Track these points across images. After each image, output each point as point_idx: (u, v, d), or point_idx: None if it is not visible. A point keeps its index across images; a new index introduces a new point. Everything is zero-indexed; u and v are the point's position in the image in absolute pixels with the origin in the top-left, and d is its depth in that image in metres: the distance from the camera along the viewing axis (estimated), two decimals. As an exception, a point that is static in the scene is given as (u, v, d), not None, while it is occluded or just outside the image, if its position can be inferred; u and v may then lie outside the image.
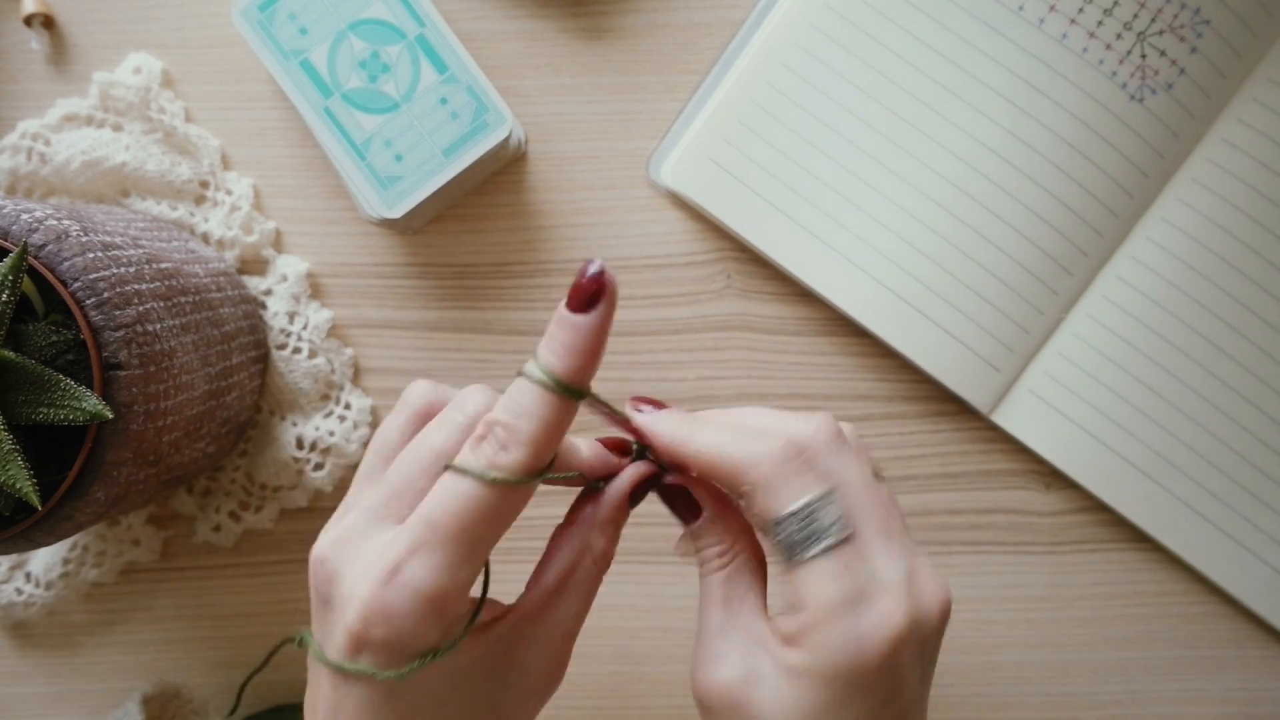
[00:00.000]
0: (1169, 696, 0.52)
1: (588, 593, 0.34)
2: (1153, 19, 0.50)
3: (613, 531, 0.35)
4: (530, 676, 0.33)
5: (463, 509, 0.30)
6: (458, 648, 0.31)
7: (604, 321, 0.30)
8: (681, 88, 0.52)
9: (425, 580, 0.30)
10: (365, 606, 0.30)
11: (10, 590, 0.51)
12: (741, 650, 0.32)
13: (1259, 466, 0.50)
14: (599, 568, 0.35)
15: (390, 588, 0.30)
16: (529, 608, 0.34)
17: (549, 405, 0.30)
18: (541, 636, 0.34)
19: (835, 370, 0.52)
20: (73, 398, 0.35)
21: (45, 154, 0.50)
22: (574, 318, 0.30)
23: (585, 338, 0.30)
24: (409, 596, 0.30)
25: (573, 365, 0.30)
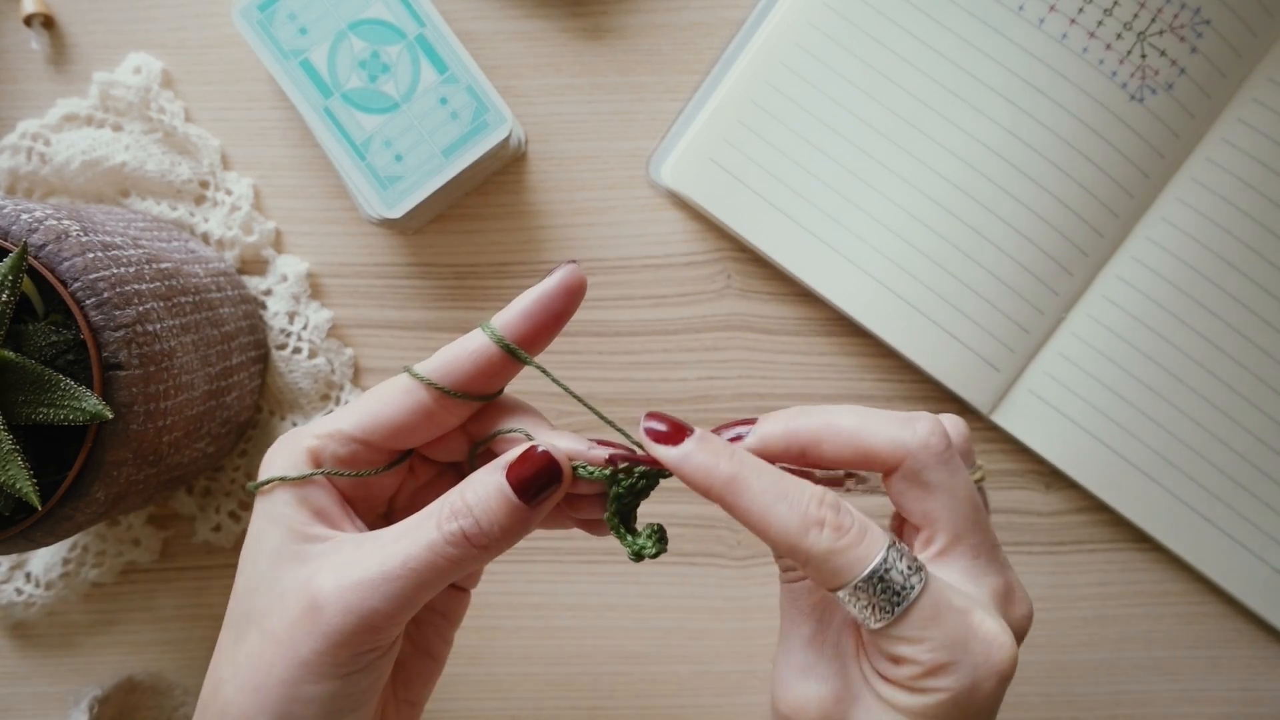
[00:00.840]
0: (1169, 696, 0.52)
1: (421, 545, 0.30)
2: (1153, 19, 0.50)
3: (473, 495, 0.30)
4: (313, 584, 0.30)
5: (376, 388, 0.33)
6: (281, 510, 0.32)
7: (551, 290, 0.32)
8: (681, 88, 0.52)
9: (307, 424, 0.33)
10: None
11: (10, 590, 0.51)
12: (836, 666, 0.31)
13: (1259, 466, 0.50)
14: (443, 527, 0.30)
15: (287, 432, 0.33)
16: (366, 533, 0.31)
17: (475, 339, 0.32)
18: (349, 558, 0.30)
19: (835, 370, 0.52)
20: (73, 398, 0.35)
21: (45, 154, 0.50)
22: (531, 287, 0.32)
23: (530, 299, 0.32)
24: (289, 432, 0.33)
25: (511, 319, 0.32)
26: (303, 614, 0.29)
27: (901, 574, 0.29)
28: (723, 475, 0.30)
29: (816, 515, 0.29)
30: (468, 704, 0.52)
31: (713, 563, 0.52)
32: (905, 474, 0.30)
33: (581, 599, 0.52)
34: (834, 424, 0.31)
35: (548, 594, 0.52)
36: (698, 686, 0.52)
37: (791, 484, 0.30)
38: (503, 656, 0.52)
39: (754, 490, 0.30)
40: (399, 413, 0.32)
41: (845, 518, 0.29)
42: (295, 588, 0.30)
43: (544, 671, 0.52)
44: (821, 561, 0.29)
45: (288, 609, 0.30)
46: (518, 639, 0.52)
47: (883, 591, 0.28)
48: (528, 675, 0.52)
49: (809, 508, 0.29)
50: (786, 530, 0.29)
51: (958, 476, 0.30)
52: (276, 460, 0.32)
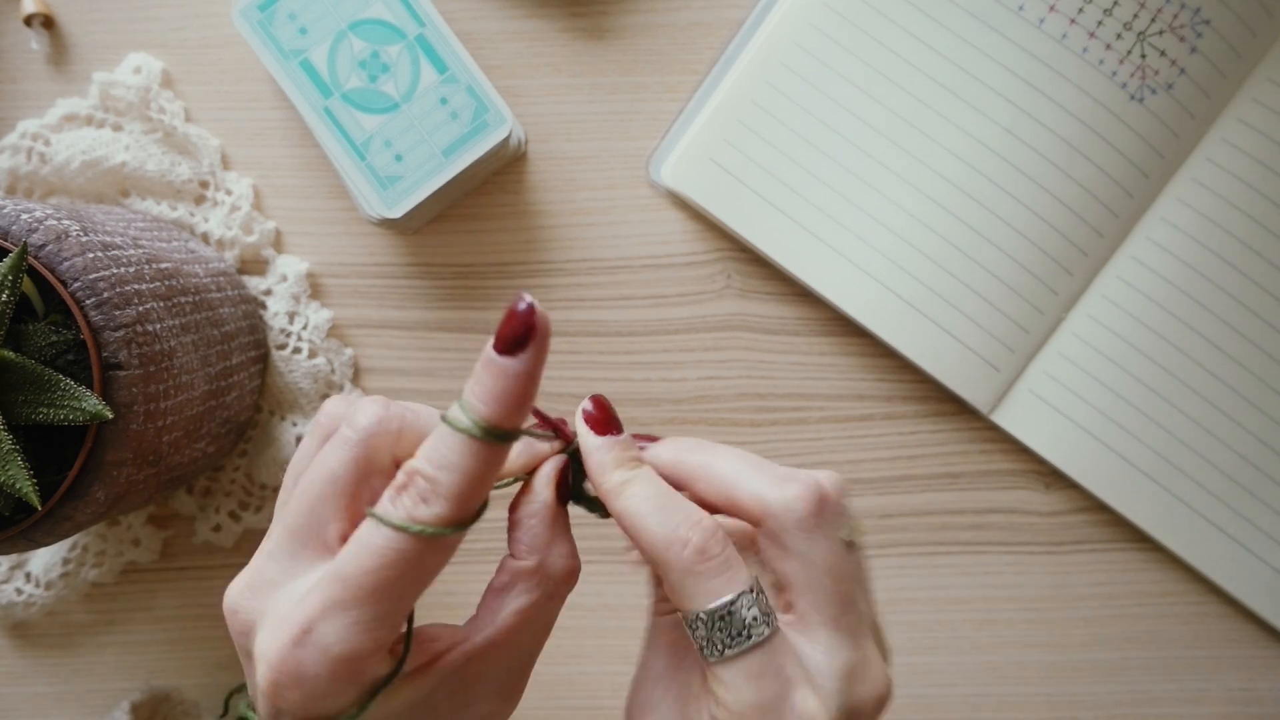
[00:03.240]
0: (1169, 696, 0.52)
1: (542, 626, 0.32)
2: (1153, 19, 0.50)
3: (561, 542, 0.32)
4: (480, 709, 0.31)
5: (379, 564, 0.27)
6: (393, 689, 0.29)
7: (533, 366, 0.27)
8: (681, 88, 0.52)
9: (338, 641, 0.27)
10: (274, 670, 0.28)
11: (10, 590, 0.51)
12: (678, 705, 0.30)
13: (1259, 466, 0.50)
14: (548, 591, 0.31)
15: (301, 649, 0.27)
16: (480, 645, 0.31)
17: (473, 455, 0.27)
18: (492, 672, 0.31)
19: (835, 370, 0.52)
20: (73, 398, 0.35)
21: (45, 154, 0.50)
22: (502, 361, 0.27)
23: (513, 383, 0.27)
24: (320, 658, 0.27)
25: (499, 412, 0.27)
26: None
27: (747, 620, 0.28)
28: (615, 479, 0.31)
29: (684, 535, 0.29)
30: (468, 704, 0.52)
31: (713, 563, 0.52)
32: (766, 532, 0.30)
33: (581, 599, 0.52)
34: (713, 466, 0.31)
35: (548, 594, 0.52)
36: (698, 686, 0.52)
37: (675, 502, 0.30)
38: (503, 656, 0.52)
39: (637, 497, 0.30)
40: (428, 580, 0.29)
41: (714, 545, 0.29)
42: None
43: (544, 671, 0.52)
44: (678, 577, 0.29)
45: None
46: (518, 639, 0.52)
47: (723, 628, 0.28)
48: (528, 675, 0.52)
49: (680, 527, 0.29)
50: (654, 538, 0.29)
51: (818, 546, 0.30)
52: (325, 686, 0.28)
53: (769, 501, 0.30)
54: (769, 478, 0.30)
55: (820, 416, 0.52)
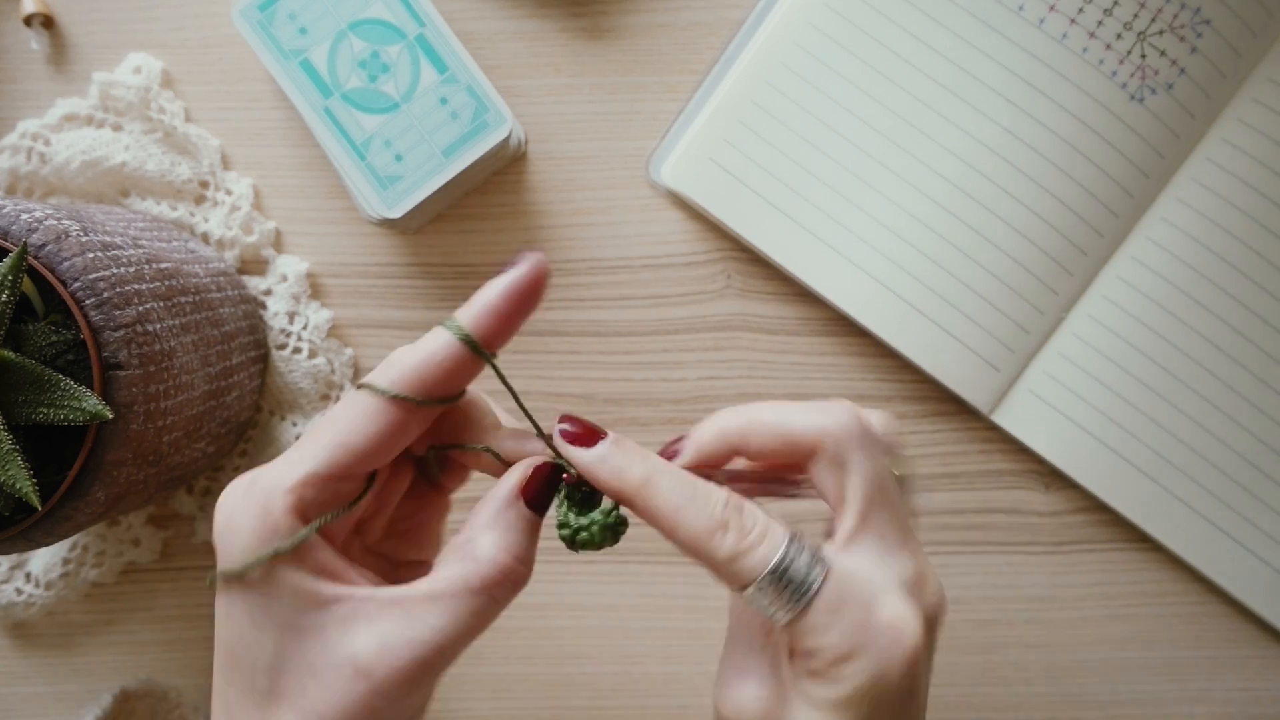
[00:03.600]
0: (1169, 696, 0.52)
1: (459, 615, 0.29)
2: (1153, 19, 0.50)
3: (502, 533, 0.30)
4: (356, 661, 0.29)
5: (332, 416, 0.30)
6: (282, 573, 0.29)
7: (520, 284, 0.30)
8: (681, 88, 0.52)
9: (266, 475, 0.29)
10: (218, 503, 0.30)
11: (10, 590, 0.51)
12: (772, 671, 0.31)
13: (1259, 466, 0.50)
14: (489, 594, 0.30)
15: (238, 483, 0.29)
16: (386, 595, 0.30)
17: (444, 343, 0.30)
18: (385, 629, 0.29)
19: (835, 370, 0.52)
20: (73, 398, 0.35)
21: (45, 154, 0.50)
22: (494, 280, 0.31)
23: (497, 295, 0.31)
24: (245, 488, 0.29)
25: (477, 316, 0.30)
26: (354, 691, 0.29)
27: (802, 569, 0.29)
28: (635, 479, 0.31)
29: (722, 518, 0.30)
30: (468, 704, 0.52)
31: (713, 563, 0.52)
32: (824, 457, 0.31)
33: (581, 599, 0.52)
34: (758, 418, 0.32)
35: (548, 594, 0.52)
36: (698, 686, 0.52)
37: (700, 487, 0.31)
38: (503, 656, 0.52)
39: (664, 494, 0.30)
40: (371, 438, 0.30)
41: (749, 519, 0.30)
42: (333, 664, 0.29)
43: (544, 671, 0.52)
44: (726, 565, 0.30)
45: (331, 687, 0.29)
46: (518, 639, 0.52)
47: (785, 587, 0.29)
48: (528, 675, 0.52)
49: (715, 510, 0.30)
50: (694, 534, 0.30)
51: (872, 460, 0.31)
52: (242, 523, 0.29)
53: (826, 426, 0.31)
54: (816, 409, 0.32)
55: (820, 416, 0.52)
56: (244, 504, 0.29)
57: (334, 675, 0.29)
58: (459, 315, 0.31)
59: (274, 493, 0.29)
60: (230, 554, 0.29)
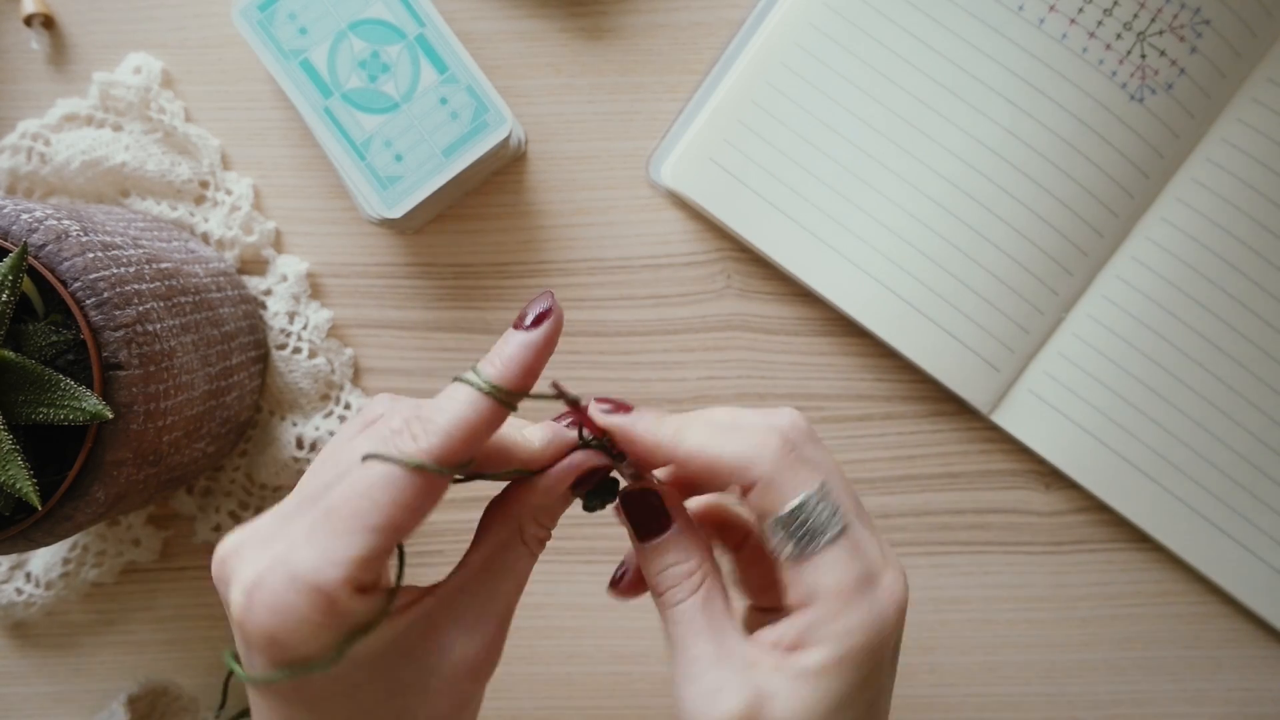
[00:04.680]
0: (1169, 696, 0.52)
1: (518, 574, 0.33)
2: (1153, 19, 0.50)
3: (548, 519, 0.33)
4: (454, 659, 0.31)
5: (360, 492, 0.28)
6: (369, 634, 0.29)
7: (543, 338, 0.31)
8: (681, 88, 0.52)
9: (310, 566, 0.27)
10: (244, 594, 0.27)
11: (10, 590, 0.51)
12: (740, 676, 0.30)
13: (1259, 466, 0.50)
14: (531, 550, 0.33)
15: (272, 574, 0.27)
16: (450, 588, 0.32)
17: (472, 405, 0.29)
18: (466, 618, 0.31)
19: (835, 370, 0.52)
20: (73, 398, 0.35)
21: (45, 154, 0.50)
22: (516, 332, 0.31)
23: (523, 350, 0.30)
24: (289, 582, 0.27)
25: (505, 372, 0.30)
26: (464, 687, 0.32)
27: (835, 505, 0.30)
28: (670, 427, 0.32)
29: (773, 433, 0.30)
30: (468, 704, 0.52)
31: (713, 563, 0.52)
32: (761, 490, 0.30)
33: (581, 599, 0.52)
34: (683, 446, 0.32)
35: (548, 594, 0.52)
36: (698, 686, 0.52)
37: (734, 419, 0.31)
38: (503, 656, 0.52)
39: (698, 433, 0.31)
40: (411, 512, 0.29)
41: (796, 435, 0.31)
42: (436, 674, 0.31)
43: (544, 671, 0.52)
44: (770, 475, 0.30)
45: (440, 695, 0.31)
46: (518, 639, 0.52)
47: (818, 515, 0.30)
48: (528, 675, 0.52)
49: (761, 429, 0.31)
50: (740, 450, 0.30)
51: (826, 456, 0.31)
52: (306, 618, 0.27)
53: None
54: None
55: (820, 416, 0.52)
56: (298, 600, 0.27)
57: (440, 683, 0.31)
58: (484, 370, 0.30)
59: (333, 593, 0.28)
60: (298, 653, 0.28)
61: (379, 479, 0.28)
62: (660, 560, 0.32)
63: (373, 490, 0.28)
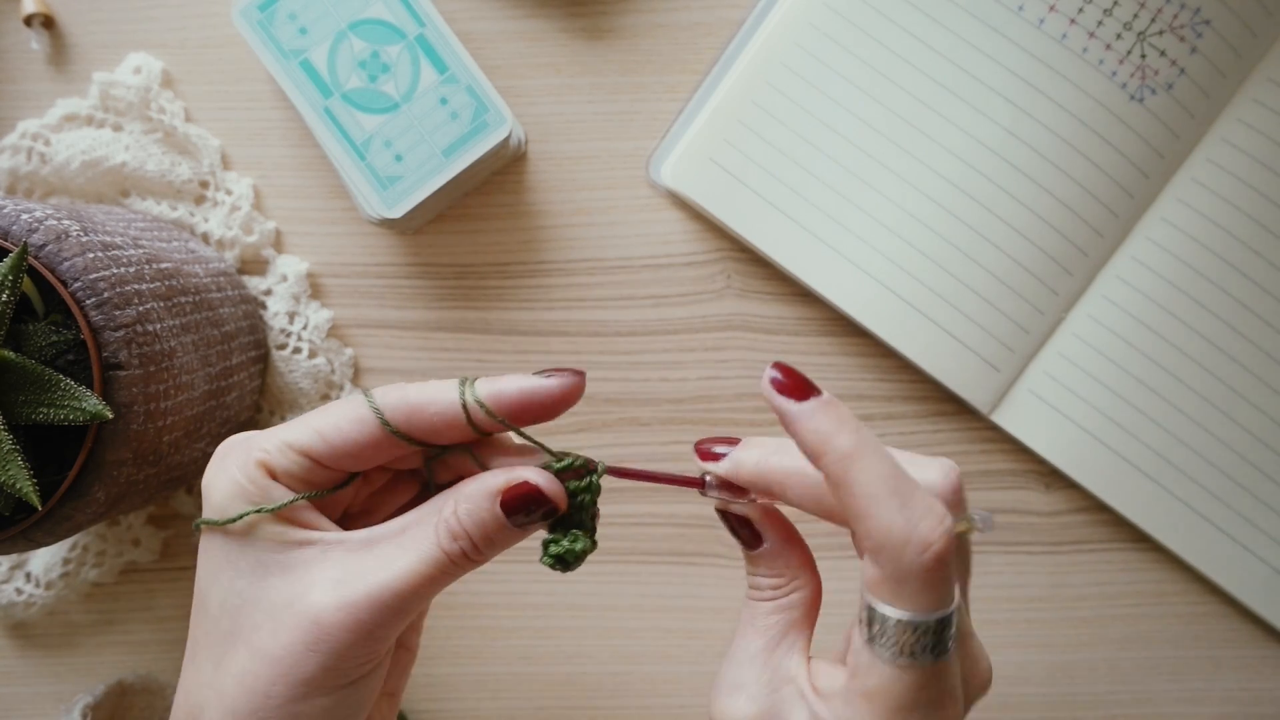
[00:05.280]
0: (1169, 696, 0.52)
1: (419, 556, 0.30)
2: (1153, 19, 0.50)
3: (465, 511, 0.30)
4: (309, 599, 0.29)
5: (335, 409, 0.31)
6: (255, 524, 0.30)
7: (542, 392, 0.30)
8: (681, 88, 0.52)
9: (256, 434, 0.31)
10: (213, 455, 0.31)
11: (10, 590, 0.51)
12: (768, 686, 0.31)
13: (1259, 466, 0.50)
14: (440, 540, 0.30)
15: (232, 439, 0.31)
16: (353, 538, 0.31)
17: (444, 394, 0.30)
18: (344, 569, 0.30)
19: (835, 370, 0.52)
20: (73, 398, 0.35)
21: (45, 154, 0.50)
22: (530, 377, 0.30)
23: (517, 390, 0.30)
24: (236, 444, 0.31)
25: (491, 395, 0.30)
26: (303, 631, 0.29)
27: (946, 638, 0.28)
28: (841, 446, 0.28)
29: (928, 537, 0.27)
30: (468, 704, 0.52)
31: (713, 563, 0.52)
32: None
33: (581, 599, 0.52)
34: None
35: (548, 594, 0.52)
36: (698, 686, 0.52)
37: (912, 488, 0.28)
38: (503, 656, 0.52)
39: (872, 471, 0.27)
40: (348, 441, 0.30)
41: (950, 555, 0.27)
42: (288, 603, 0.29)
43: (544, 671, 0.52)
44: (905, 576, 0.27)
45: (283, 626, 0.29)
46: (518, 639, 0.52)
47: (924, 638, 0.28)
48: (528, 675, 0.52)
49: (922, 524, 0.27)
50: (890, 527, 0.27)
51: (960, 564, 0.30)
52: (226, 474, 0.30)
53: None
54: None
55: (820, 416, 0.52)
56: (225, 456, 0.31)
57: (288, 615, 0.29)
58: (479, 383, 0.30)
59: (251, 446, 0.31)
60: (212, 502, 0.30)
61: (346, 403, 0.31)
62: (752, 568, 0.33)
63: (335, 406, 0.31)
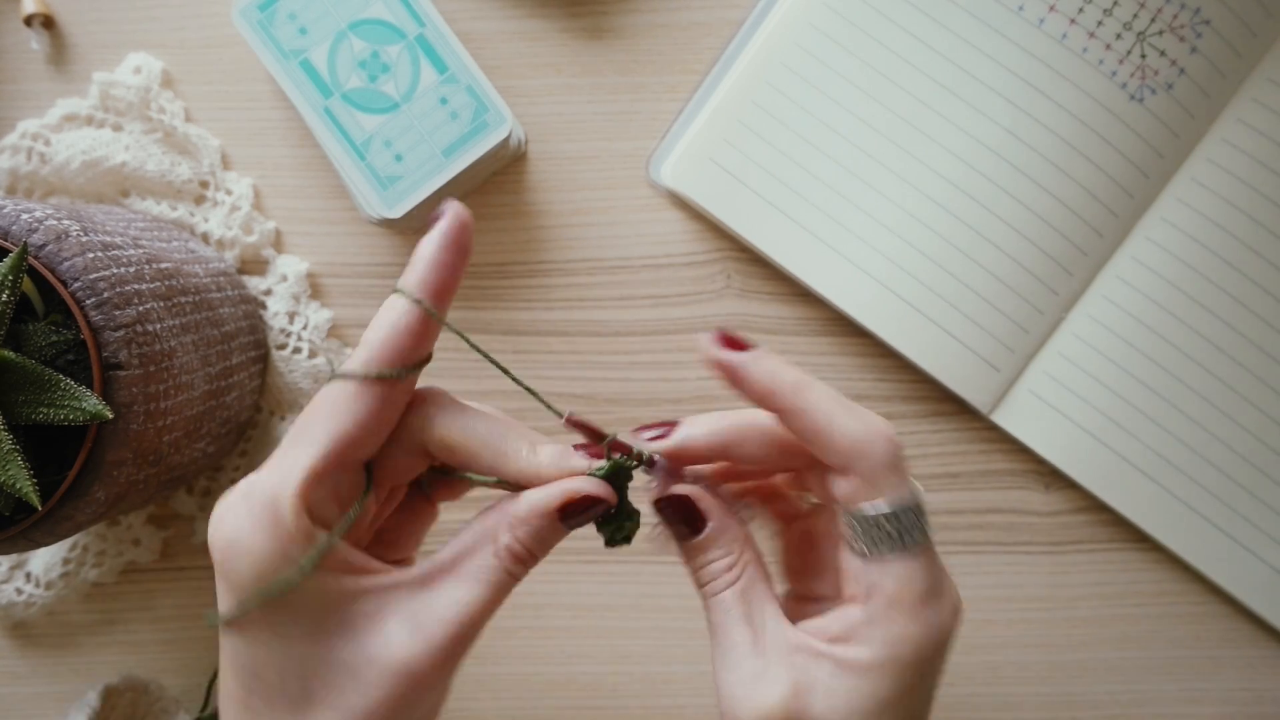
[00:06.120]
0: (1169, 696, 0.52)
1: (484, 585, 0.30)
2: (1153, 19, 0.50)
3: (529, 538, 0.31)
4: (392, 653, 0.29)
5: (317, 407, 0.30)
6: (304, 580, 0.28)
7: (448, 233, 0.30)
8: (681, 88, 0.52)
9: (261, 481, 0.28)
10: (213, 526, 0.28)
11: (10, 590, 0.51)
12: (784, 663, 0.30)
13: (1259, 466, 0.50)
14: (503, 563, 0.31)
15: (230, 496, 0.29)
16: (410, 577, 0.30)
17: (395, 310, 0.30)
18: (414, 614, 0.29)
19: (835, 370, 0.52)
20: (73, 398, 0.35)
21: (45, 154, 0.50)
22: (424, 238, 0.31)
23: (427, 247, 0.30)
24: (241, 499, 0.28)
25: (422, 274, 0.30)
26: (398, 683, 0.29)
27: (925, 519, 0.30)
28: (791, 378, 0.30)
29: (883, 430, 0.30)
30: (468, 704, 0.52)
31: (713, 563, 0.52)
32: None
33: (581, 599, 0.52)
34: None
35: (548, 594, 0.52)
36: (698, 686, 0.52)
37: (855, 404, 0.31)
38: (503, 656, 0.52)
39: (821, 395, 0.30)
40: (360, 421, 0.30)
41: (901, 446, 0.31)
42: (369, 661, 0.29)
43: (544, 671, 0.52)
44: (875, 469, 0.30)
45: (372, 684, 0.28)
46: (518, 639, 0.52)
47: (908, 522, 0.30)
48: (528, 675, 0.52)
49: (876, 424, 0.30)
50: (850, 431, 0.30)
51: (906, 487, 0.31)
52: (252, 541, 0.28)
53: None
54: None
55: (820, 416, 0.52)
56: (248, 520, 0.28)
57: (373, 672, 0.29)
58: (404, 279, 0.31)
59: (280, 500, 0.28)
60: (242, 575, 0.28)
61: (326, 398, 0.30)
62: (701, 557, 0.33)
63: (324, 403, 0.30)
